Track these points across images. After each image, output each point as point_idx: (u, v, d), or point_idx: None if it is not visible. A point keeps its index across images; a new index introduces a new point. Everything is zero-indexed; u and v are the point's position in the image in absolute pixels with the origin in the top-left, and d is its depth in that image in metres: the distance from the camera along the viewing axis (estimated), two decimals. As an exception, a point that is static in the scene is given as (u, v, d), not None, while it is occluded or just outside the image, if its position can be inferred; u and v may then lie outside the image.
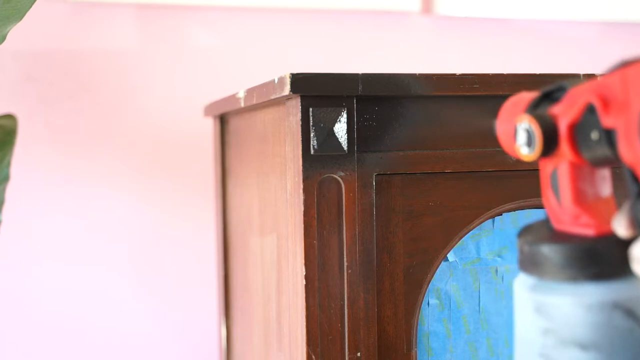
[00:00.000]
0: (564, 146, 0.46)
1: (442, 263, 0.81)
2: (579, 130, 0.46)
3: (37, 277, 1.30)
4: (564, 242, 0.46)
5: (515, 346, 0.50)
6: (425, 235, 0.78)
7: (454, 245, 0.80)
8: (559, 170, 0.48)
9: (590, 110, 0.44)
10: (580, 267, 0.45)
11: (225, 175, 1.17)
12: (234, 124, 1.09)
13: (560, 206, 0.48)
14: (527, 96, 0.51)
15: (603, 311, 0.44)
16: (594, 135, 0.44)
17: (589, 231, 0.47)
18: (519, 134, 0.49)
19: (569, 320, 0.45)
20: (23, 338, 1.30)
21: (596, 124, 0.44)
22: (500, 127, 0.53)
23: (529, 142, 0.48)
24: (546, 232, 0.49)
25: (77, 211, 1.31)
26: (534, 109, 0.49)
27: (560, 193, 0.48)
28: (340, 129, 0.74)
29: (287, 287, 0.81)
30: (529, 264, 0.47)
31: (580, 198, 0.47)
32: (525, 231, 0.50)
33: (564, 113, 0.46)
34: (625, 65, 0.42)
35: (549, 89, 0.49)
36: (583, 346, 0.45)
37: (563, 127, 0.46)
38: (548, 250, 0.46)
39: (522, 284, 0.48)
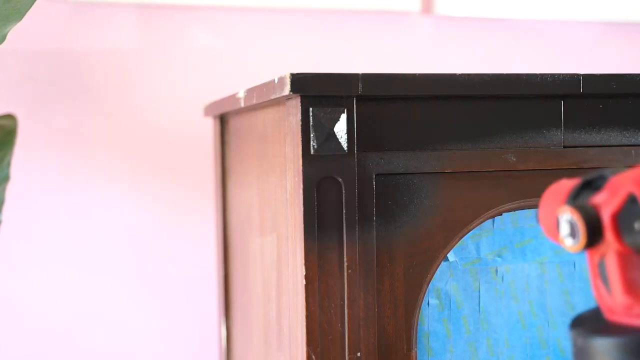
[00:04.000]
0: (609, 236, 0.45)
1: (442, 263, 0.81)
2: (622, 220, 0.45)
3: (37, 277, 1.30)
4: (618, 334, 0.45)
5: None
6: (425, 235, 0.78)
7: (454, 245, 0.80)
8: (607, 260, 0.46)
9: (632, 200, 0.44)
10: None
11: (225, 175, 1.17)
12: (234, 124, 1.09)
13: (611, 297, 0.46)
14: (567, 184, 0.50)
15: None
16: (637, 225, 0.43)
17: None
18: (561, 226, 0.48)
19: None
20: (23, 338, 1.30)
21: (639, 214, 0.43)
22: (542, 216, 0.52)
23: (573, 234, 0.47)
24: (599, 323, 0.47)
25: (77, 211, 1.31)
26: (574, 198, 0.48)
27: (609, 283, 0.46)
28: (340, 129, 0.74)
29: (287, 287, 0.80)
30: (583, 357, 0.46)
31: (631, 288, 0.46)
32: (577, 322, 0.48)
33: (606, 203, 0.45)
34: None
35: (589, 177, 0.48)
36: None
37: (606, 217, 0.45)
38: (601, 344, 0.45)
39: None
